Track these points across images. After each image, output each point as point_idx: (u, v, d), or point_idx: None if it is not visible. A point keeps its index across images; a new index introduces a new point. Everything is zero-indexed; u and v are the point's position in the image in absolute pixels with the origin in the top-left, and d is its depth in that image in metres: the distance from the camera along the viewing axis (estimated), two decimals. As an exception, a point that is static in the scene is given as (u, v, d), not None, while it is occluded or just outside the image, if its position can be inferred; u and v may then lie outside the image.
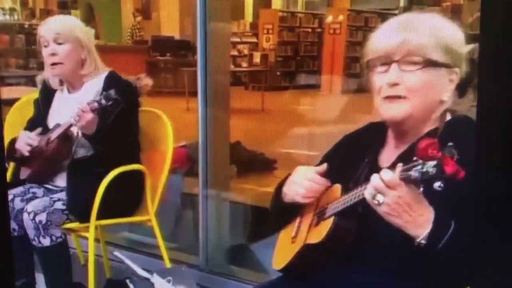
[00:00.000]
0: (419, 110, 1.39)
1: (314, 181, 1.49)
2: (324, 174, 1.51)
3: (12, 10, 8.92)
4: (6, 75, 7.75)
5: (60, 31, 2.44)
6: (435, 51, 1.36)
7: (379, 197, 1.22)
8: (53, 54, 2.44)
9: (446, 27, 1.40)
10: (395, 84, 1.37)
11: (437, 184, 1.13)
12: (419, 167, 1.14)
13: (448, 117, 1.44)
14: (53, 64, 2.45)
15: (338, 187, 1.47)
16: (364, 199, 1.28)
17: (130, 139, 2.50)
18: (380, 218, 1.26)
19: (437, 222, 1.22)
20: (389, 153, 1.49)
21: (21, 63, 8.39)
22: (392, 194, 1.21)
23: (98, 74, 2.52)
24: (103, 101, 2.27)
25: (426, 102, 1.38)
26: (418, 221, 1.22)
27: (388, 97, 1.40)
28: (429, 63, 1.35)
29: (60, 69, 2.47)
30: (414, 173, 1.15)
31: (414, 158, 1.17)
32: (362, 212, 1.38)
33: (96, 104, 2.27)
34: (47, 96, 2.60)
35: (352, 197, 1.36)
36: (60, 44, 2.44)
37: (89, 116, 2.26)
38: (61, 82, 2.58)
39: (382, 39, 1.41)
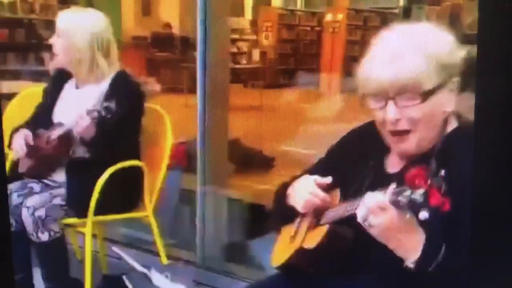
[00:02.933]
0: (427, 133, 1.35)
1: (314, 195, 1.49)
2: (326, 187, 1.50)
3: (11, 4, 8.90)
4: (6, 69, 7.74)
5: (59, 25, 2.47)
6: (430, 78, 1.30)
7: (370, 219, 1.22)
8: (52, 45, 2.48)
9: (438, 42, 1.33)
10: (397, 120, 1.34)
11: (423, 214, 1.13)
12: (408, 193, 1.15)
13: (453, 124, 1.40)
14: (54, 53, 2.50)
15: (337, 193, 1.47)
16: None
17: (130, 143, 2.49)
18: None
19: (426, 248, 1.21)
20: (395, 158, 1.46)
21: (21, 57, 8.38)
22: (382, 217, 1.21)
23: (105, 73, 2.48)
24: (103, 113, 2.24)
25: (432, 123, 1.35)
26: (407, 247, 1.22)
27: (394, 132, 1.36)
28: (427, 95, 1.30)
29: (58, 60, 2.50)
30: (402, 199, 1.15)
31: (404, 187, 1.17)
32: (358, 224, 1.36)
33: (95, 114, 2.24)
34: (56, 85, 2.59)
35: (346, 209, 1.36)
36: (58, 37, 2.47)
37: (86, 123, 2.25)
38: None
39: (373, 72, 1.34)
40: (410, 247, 1.22)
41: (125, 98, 2.34)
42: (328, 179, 1.49)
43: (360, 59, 1.42)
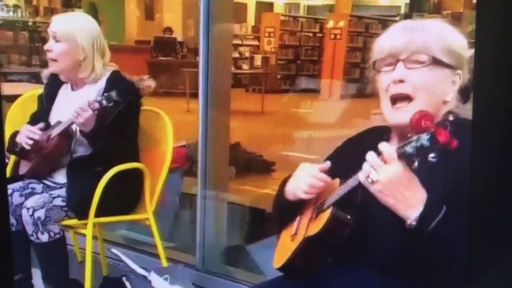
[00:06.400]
0: (424, 107, 1.37)
1: (316, 177, 1.50)
2: (326, 171, 1.51)
3: (16, 7, 8.95)
4: (9, 71, 7.78)
5: (58, 30, 2.45)
6: (440, 52, 1.39)
7: (373, 175, 1.24)
8: (48, 51, 2.47)
9: (449, 31, 1.43)
10: (401, 81, 1.39)
11: (431, 155, 1.15)
12: (414, 142, 1.16)
13: (450, 118, 1.44)
14: (50, 60, 2.48)
15: (337, 181, 1.48)
16: (360, 186, 1.29)
17: (129, 139, 2.50)
18: (377, 209, 1.27)
19: (428, 204, 1.23)
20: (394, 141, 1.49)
21: (24, 60, 8.43)
22: (387, 171, 1.22)
23: (101, 74, 2.51)
24: (104, 102, 2.29)
25: (431, 101, 1.39)
26: (410, 202, 1.23)
27: (395, 100, 1.41)
28: (434, 62, 1.38)
29: (56, 66, 2.49)
30: (409, 149, 1.17)
31: (409, 135, 1.19)
32: (360, 203, 1.38)
33: (97, 104, 2.29)
34: (51, 91, 2.61)
35: (348, 184, 1.37)
36: (57, 42, 2.46)
37: (88, 114, 2.28)
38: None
39: (388, 40, 1.44)
40: (413, 203, 1.23)
41: (124, 89, 2.38)
42: (328, 164, 1.52)
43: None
